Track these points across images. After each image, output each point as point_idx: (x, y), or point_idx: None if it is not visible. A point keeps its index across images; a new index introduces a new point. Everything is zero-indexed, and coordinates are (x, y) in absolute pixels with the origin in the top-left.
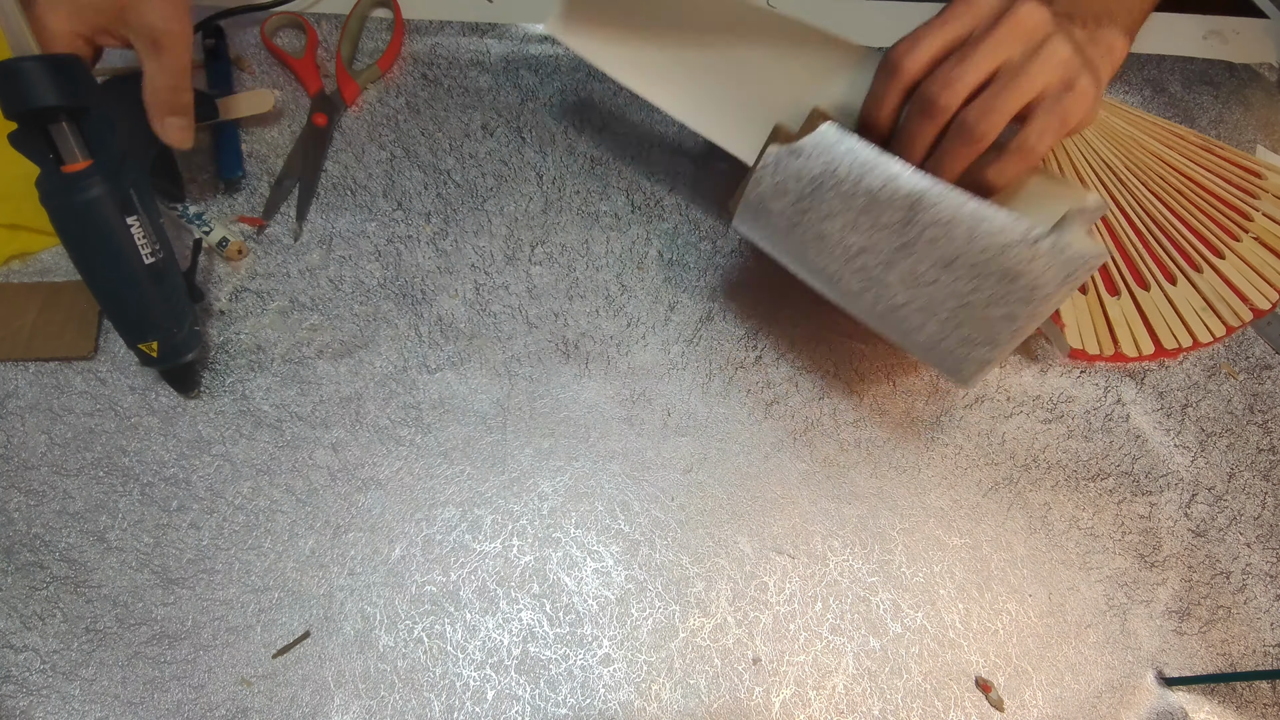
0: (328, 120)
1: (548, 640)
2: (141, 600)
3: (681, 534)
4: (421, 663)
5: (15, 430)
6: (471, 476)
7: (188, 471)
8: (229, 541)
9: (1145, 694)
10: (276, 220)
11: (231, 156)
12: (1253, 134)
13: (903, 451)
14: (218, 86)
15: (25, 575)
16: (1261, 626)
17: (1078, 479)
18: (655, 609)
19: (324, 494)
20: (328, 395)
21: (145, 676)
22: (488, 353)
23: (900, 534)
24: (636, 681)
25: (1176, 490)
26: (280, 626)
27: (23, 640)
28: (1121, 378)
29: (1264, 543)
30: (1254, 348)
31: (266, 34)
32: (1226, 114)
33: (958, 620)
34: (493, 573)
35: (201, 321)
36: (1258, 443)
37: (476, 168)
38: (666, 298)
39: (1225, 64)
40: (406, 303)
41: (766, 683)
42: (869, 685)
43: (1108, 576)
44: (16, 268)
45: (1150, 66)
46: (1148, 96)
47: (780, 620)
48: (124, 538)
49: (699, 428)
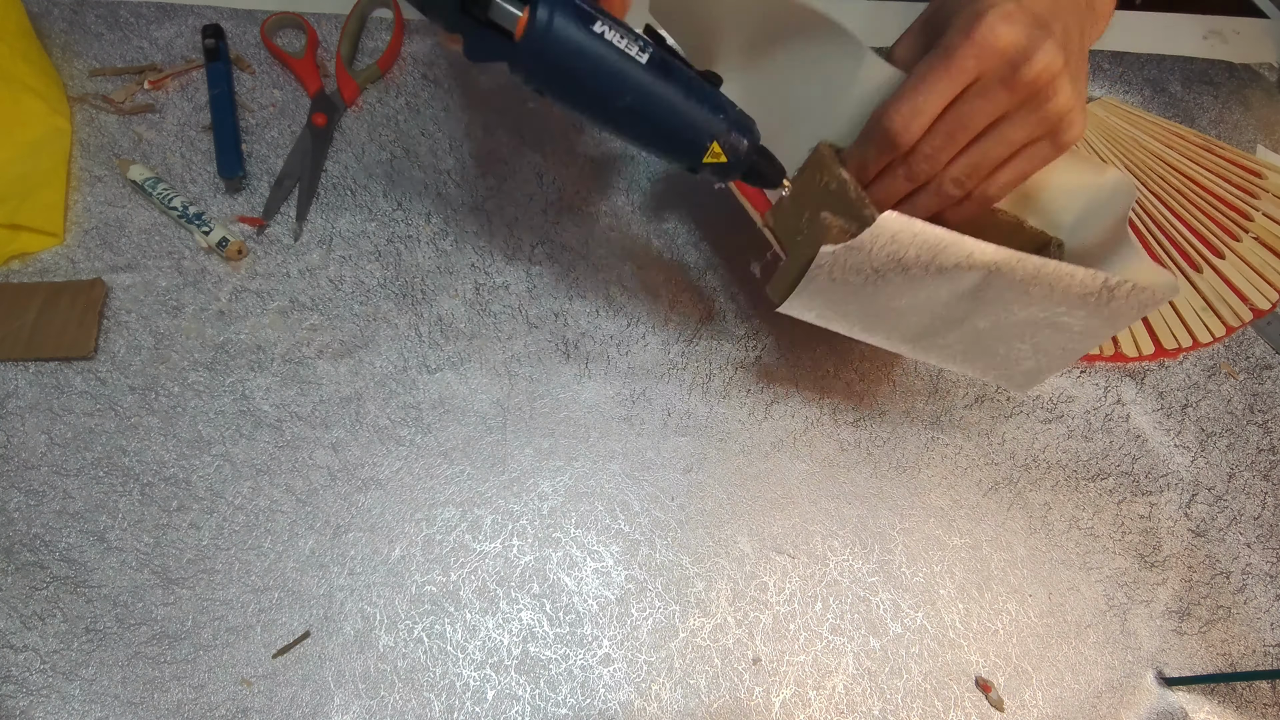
0: (327, 120)
1: (548, 640)
2: (141, 600)
3: (681, 534)
4: (421, 663)
5: (15, 430)
6: (471, 476)
7: (188, 471)
8: (229, 541)
9: (1145, 694)
10: (276, 220)
11: (231, 156)
12: (1253, 134)
13: (903, 451)
14: (218, 86)
15: (25, 575)
16: (1261, 626)
17: (1078, 479)
18: (655, 609)
19: (324, 494)
20: (328, 395)
21: (145, 676)
22: (488, 353)
23: (900, 534)
24: (636, 681)
25: (1176, 490)
26: (280, 626)
27: (23, 640)
28: (1121, 378)
29: (1264, 543)
30: (1254, 348)
31: (266, 34)
32: (1226, 114)
33: (958, 620)
34: (493, 573)
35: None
36: (1258, 443)
37: (476, 168)
38: (666, 297)
39: (1225, 64)
40: (406, 303)
41: (766, 683)
42: (869, 685)
43: (1108, 576)
44: (16, 268)
45: (1150, 66)
46: (1148, 96)
47: (780, 620)
48: (124, 538)
49: (699, 428)
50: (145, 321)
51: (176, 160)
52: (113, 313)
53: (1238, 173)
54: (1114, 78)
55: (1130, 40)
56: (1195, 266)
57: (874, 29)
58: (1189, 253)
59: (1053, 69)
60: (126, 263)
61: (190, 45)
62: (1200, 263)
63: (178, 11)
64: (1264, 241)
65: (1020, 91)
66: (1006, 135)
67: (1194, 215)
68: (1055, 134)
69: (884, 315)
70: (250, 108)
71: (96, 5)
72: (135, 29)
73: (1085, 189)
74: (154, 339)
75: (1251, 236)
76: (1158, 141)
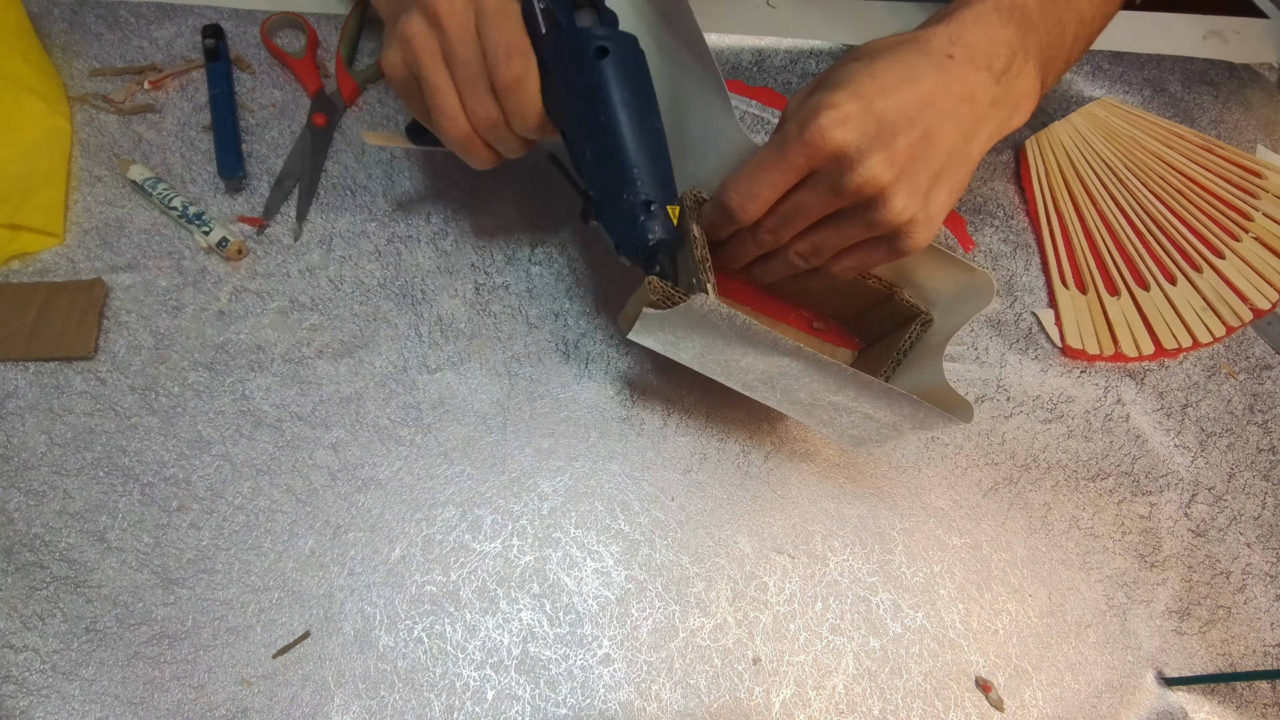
0: (327, 120)
1: (548, 640)
2: (141, 600)
3: (681, 534)
4: (421, 663)
5: (15, 430)
6: (471, 476)
7: (188, 471)
8: (229, 541)
9: (1145, 694)
10: (276, 220)
11: (231, 156)
12: (1253, 134)
13: (903, 451)
14: (218, 86)
15: (25, 575)
16: (1261, 626)
17: (1078, 479)
18: (655, 609)
19: (324, 494)
20: (328, 395)
21: (145, 676)
22: (488, 353)
23: (900, 534)
24: (636, 681)
25: (1176, 490)
26: (280, 626)
27: (23, 640)
28: (1121, 378)
29: (1264, 543)
30: (1254, 348)
31: (266, 34)
32: (1226, 114)
33: (958, 620)
34: (493, 573)
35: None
36: (1258, 443)
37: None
38: None
39: (1225, 64)
40: (406, 303)
41: (766, 683)
42: (869, 685)
43: (1108, 576)
44: (16, 268)
45: (1150, 66)
46: (1148, 96)
47: (780, 620)
48: (124, 538)
49: (699, 428)
50: (145, 321)
51: (176, 160)
52: (113, 313)
53: (1238, 173)
54: (1114, 78)
55: (1130, 40)
56: (1195, 266)
57: (874, 31)
58: (1189, 253)
59: (877, 182)
60: (126, 263)
61: (190, 45)
62: (1200, 263)
63: (178, 11)
64: (1264, 241)
65: (847, 196)
66: (843, 229)
67: (1194, 215)
68: (893, 238)
69: (718, 364)
70: (250, 108)
71: (96, 5)
72: (135, 29)
73: (957, 281)
74: (154, 339)
75: (1251, 236)
76: (1158, 141)
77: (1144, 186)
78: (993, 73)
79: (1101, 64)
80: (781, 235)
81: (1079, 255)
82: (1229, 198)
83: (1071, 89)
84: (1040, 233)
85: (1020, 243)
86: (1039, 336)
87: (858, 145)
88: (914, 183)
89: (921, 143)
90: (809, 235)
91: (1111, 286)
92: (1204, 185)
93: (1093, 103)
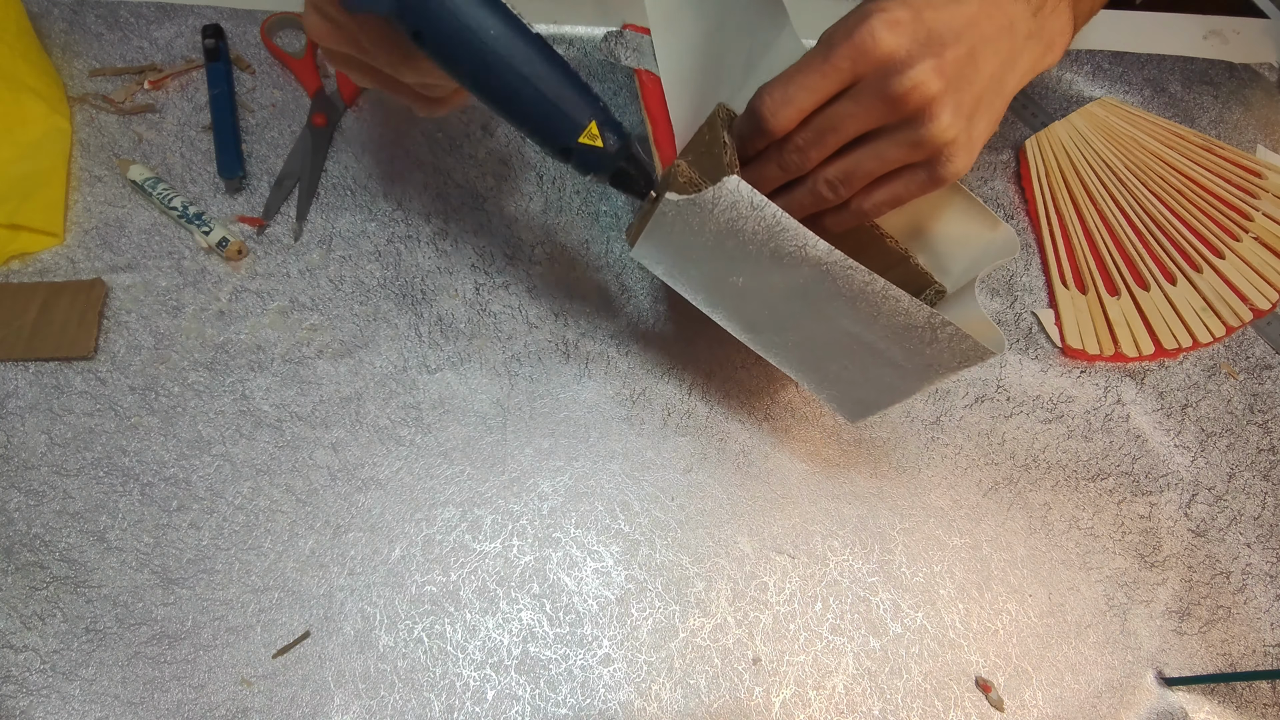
0: (327, 120)
1: (548, 640)
2: (141, 600)
3: (681, 534)
4: (421, 663)
5: (15, 430)
6: (471, 476)
7: (188, 471)
8: (229, 541)
9: (1145, 694)
10: (276, 220)
11: (231, 156)
12: (1253, 134)
13: (903, 451)
14: (218, 86)
15: (25, 575)
16: (1261, 626)
17: (1078, 479)
18: (655, 609)
19: (324, 494)
20: (328, 395)
21: (145, 676)
22: (488, 353)
23: (900, 534)
24: (636, 681)
25: (1176, 490)
26: (280, 626)
27: (23, 640)
28: (1121, 378)
29: (1264, 543)
30: (1254, 348)
31: (266, 34)
32: (1226, 114)
33: (958, 620)
34: (493, 573)
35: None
36: (1258, 443)
37: (476, 168)
38: (667, 297)
39: (1225, 64)
40: (406, 303)
41: (766, 683)
42: (869, 685)
43: (1108, 576)
44: (16, 268)
45: (1150, 66)
46: (1148, 96)
47: (780, 620)
48: (124, 538)
49: (699, 428)
50: (145, 321)
51: (176, 160)
52: (113, 313)
53: (1238, 173)
54: (1114, 78)
55: (1130, 40)
56: (1195, 266)
57: None
58: (1189, 253)
59: (926, 90)
60: (126, 263)
61: (190, 45)
62: (1200, 263)
63: (178, 11)
64: (1264, 241)
65: (893, 104)
66: (881, 151)
67: (1194, 215)
68: (932, 163)
69: (725, 291)
70: (250, 108)
71: (96, 5)
72: (135, 29)
73: (977, 240)
74: (154, 339)
75: (1251, 236)
76: (1158, 141)
77: (1144, 186)
78: (1030, 5)
79: (1101, 64)
80: (810, 156)
81: (1079, 255)
82: (1229, 198)
83: (1071, 89)
84: (1040, 232)
85: (1020, 242)
86: (1039, 336)
87: (908, 50)
88: (959, 100)
89: (968, 60)
90: (840, 159)
91: (1111, 286)
92: (1204, 185)
93: (1093, 103)
